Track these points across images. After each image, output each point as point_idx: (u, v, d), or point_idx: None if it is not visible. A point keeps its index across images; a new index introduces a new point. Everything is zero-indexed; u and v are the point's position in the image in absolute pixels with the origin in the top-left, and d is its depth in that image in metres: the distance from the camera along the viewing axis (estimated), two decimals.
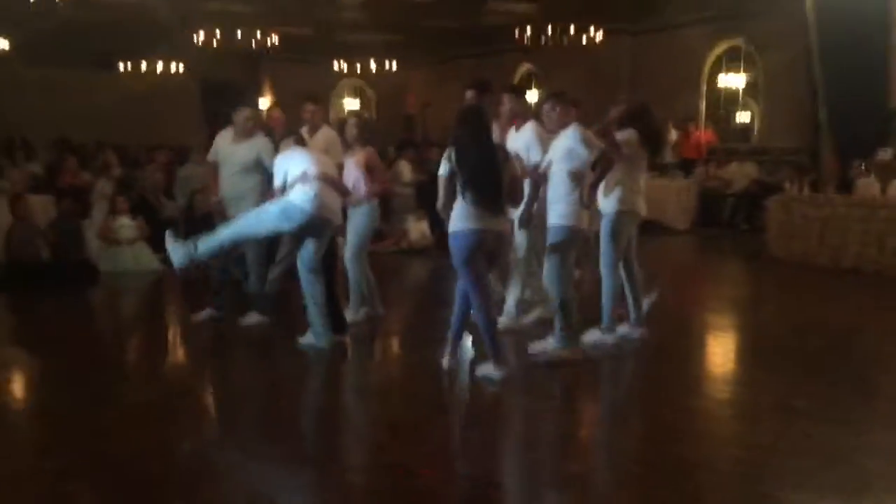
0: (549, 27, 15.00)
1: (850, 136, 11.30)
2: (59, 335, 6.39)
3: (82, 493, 3.67)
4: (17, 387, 5.28)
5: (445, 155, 4.97)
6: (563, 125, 5.53)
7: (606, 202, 5.83)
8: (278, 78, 20.13)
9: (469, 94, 6.11)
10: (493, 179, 4.89)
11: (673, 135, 15.01)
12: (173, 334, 6.80)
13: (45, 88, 16.85)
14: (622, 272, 5.96)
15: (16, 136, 14.05)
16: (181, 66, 18.21)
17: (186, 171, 10.72)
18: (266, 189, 6.08)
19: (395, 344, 6.42)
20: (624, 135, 5.75)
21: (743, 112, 15.80)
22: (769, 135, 14.85)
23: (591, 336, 5.83)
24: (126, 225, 9.13)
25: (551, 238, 5.42)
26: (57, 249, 8.55)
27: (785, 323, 7.01)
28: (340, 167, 6.20)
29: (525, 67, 19.47)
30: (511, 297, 6.25)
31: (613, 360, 5.73)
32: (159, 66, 17.99)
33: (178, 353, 6.23)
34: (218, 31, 15.66)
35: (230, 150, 6.39)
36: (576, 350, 5.46)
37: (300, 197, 5.42)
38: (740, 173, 13.71)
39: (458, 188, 4.88)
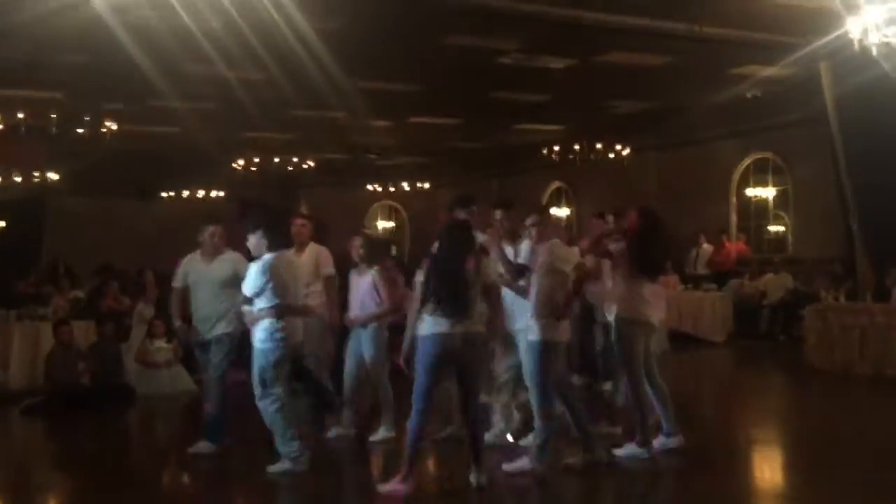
0: (577, 145, 15.37)
1: (885, 244, 11.23)
2: (94, 457, 6.42)
3: None
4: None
5: (422, 266, 5.18)
6: (543, 240, 5.57)
7: (610, 312, 5.92)
8: (314, 201, 20.69)
9: (498, 213, 6.19)
10: (463, 287, 5.00)
11: (704, 246, 15.06)
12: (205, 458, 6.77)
13: (91, 218, 17.49)
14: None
15: (60, 264, 14.50)
16: (221, 192, 18.83)
17: None
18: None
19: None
20: (619, 245, 5.84)
21: (775, 222, 15.83)
22: (803, 245, 14.80)
23: (627, 450, 5.72)
24: (163, 348, 9.26)
25: (532, 354, 5.38)
26: (96, 373, 8.66)
27: (829, 435, 6.79)
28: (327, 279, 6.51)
29: (554, 185, 19.83)
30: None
31: (653, 474, 5.59)
32: (200, 193, 18.62)
33: (209, 477, 6.19)
34: (256, 159, 16.26)
35: (203, 270, 6.30)
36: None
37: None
38: (775, 284, 13.61)
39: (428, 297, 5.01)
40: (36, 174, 14.88)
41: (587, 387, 8.00)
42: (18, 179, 15.04)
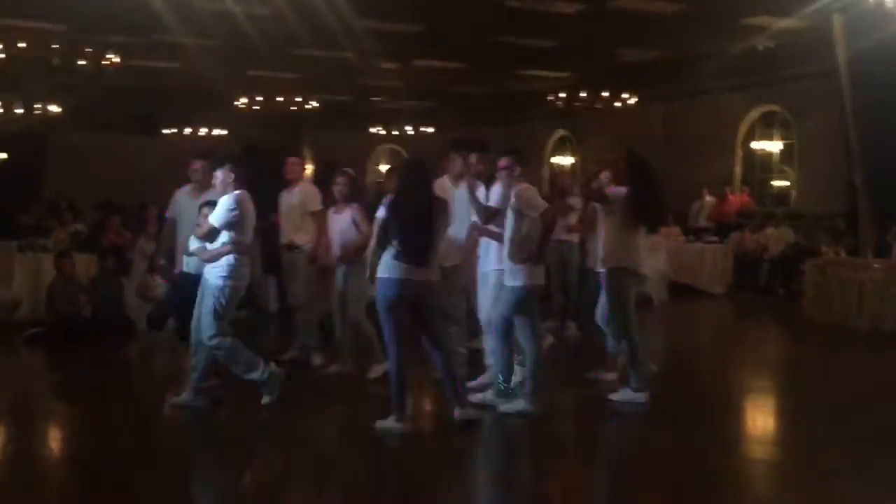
0: (583, 93, 15.23)
1: (888, 200, 11.20)
2: (94, 387, 6.50)
3: None
4: (53, 437, 5.36)
5: (384, 202, 5.15)
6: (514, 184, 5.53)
7: (601, 261, 5.92)
8: (317, 142, 20.58)
9: (473, 156, 6.12)
10: (424, 233, 5.02)
11: (707, 199, 15.04)
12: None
13: (93, 152, 17.40)
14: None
15: (62, 198, 14.51)
16: (224, 131, 18.72)
17: None
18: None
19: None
20: (617, 191, 5.83)
21: (779, 177, 15.77)
22: (806, 199, 14.77)
23: (623, 394, 5.80)
24: (163, 283, 9.30)
25: (513, 298, 5.43)
26: (97, 305, 8.72)
27: (822, 385, 6.88)
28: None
29: (559, 133, 19.70)
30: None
31: (645, 420, 5.67)
32: (202, 131, 18.52)
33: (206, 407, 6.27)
34: (259, 98, 16.13)
35: (190, 205, 6.25)
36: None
37: None
38: (777, 238, 13.61)
39: (389, 237, 5.02)
40: (37, 107, 14.78)
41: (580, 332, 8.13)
42: (20, 111, 14.95)
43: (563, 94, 15.50)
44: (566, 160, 19.56)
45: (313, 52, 13.09)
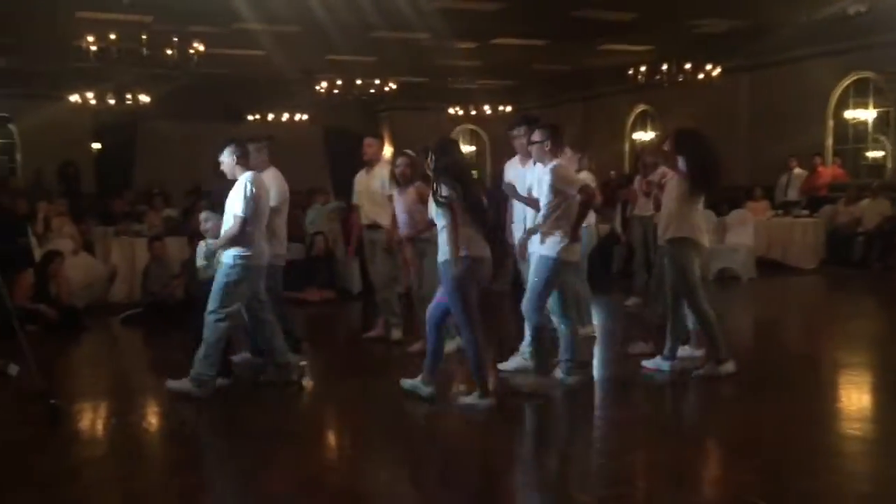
0: (664, 66, 14.87)
1: None
2: (188, 365, 6.74)
3: None
4: (153, 411, 5.60)
5: (448, 184, 5.02)
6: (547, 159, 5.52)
7: (661, 233, 5.91)
8: (395, 124, 20.74)
9: (520, 129, 6.10)
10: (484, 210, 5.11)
11: (796, 172, 14.54)
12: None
13: (181, 141, 17.95)
14: (671, 301, 5.99)
15: (154, 185, 15.06)
16: (305, 115, 19.03)
17: (312, 214, 11.35)
18: None
19: None
20: (680, 164, 5.75)
21: (874, 147, 15.12)
22: None
23: (709, 369, 5.77)
24: None
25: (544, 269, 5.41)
26: (189, 287, 9.03)
27: None
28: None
29: (639, 108, 19.33)
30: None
31: (736, 396, 5.56)
32: (284, 116, 18.87)
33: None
34: (339, 81, 16.32)
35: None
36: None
37: None
38: (872, 210, 13.08)
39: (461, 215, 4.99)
40: (128, 97, 15.31)
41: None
42: (112, 102, 15.52)
43: (643, 68, 15.16)
44: (647, 136, 19.19)
45: (390, 34, 13.15)
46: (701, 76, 15.02)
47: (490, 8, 11.93)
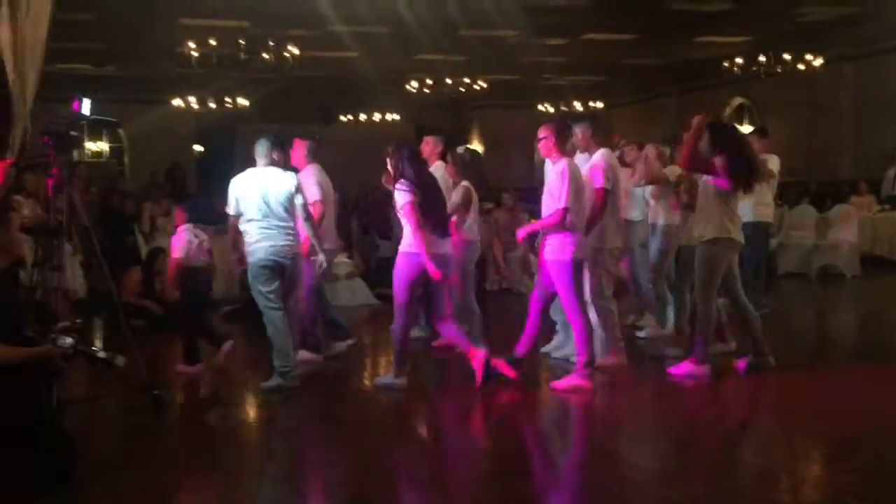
0: (762, 57, 14.41)
1: None
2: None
3: (295, 495, 4.00)
4: (251, 402, 5.81)
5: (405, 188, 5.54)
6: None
7: (699, 230, 5.80)
8: (485, 122, 20.79)
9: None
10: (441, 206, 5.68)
11: None
12: (386, 362, 7.17)
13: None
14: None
15: None
16: (396, 115, 19.30)
17: None
18: None
19: None
20: (719, 160, 5.61)
21: None
22: None
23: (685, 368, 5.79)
24: (344, 262, 9.78)
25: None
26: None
27: None
28: None
29: (737, 101, 18.79)
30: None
31: (838, 391, 5.38)
32: (376, 116, 19.18)
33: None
34: (429, 81, 16.48)
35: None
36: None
37: None
38: None
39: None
40: (228, 101, 15.86)
41: None
42: (213, 106, 16.11)
43: (740, 60, 14.74)
44: (745, 129, 18.63)
45: (478, 32, 13.21)
46: (801, 66, 14.50)
47: (580, 3, 11.84)
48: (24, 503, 3.68)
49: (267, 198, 5.73)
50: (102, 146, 20.02)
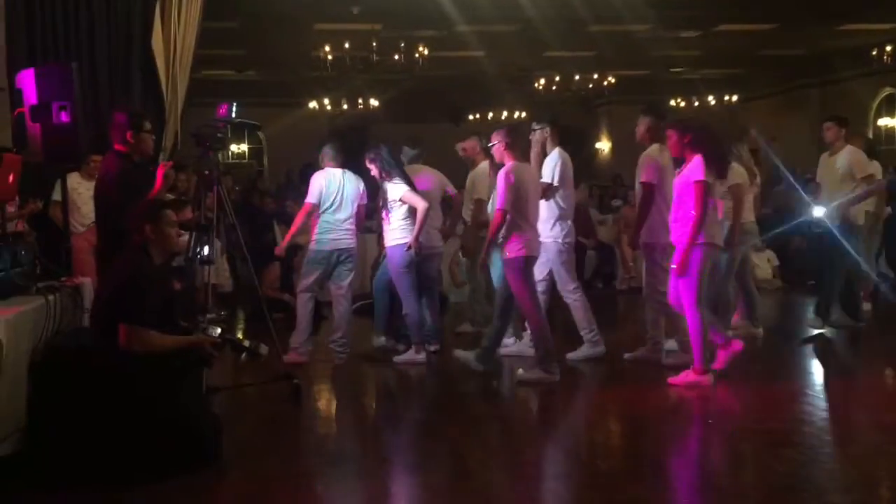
0: None
1: None
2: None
3: (422, 487, 4.09)
4: (373, 394, 5.99)
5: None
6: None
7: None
8: (614, 118, 20.46)
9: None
10: None
11: None
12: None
13: (406, 143, 18.79)
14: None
15: None
16: (524, 113, 19.26)
17: None
18: None
19: None
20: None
21: None
22: None
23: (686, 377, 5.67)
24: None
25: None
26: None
27: None
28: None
29: (885, 91, 17.70)
30: None
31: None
32: (504, 115, 19.22)
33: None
34: (556, 78, 16.38)
35: None
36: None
37: None
38: None
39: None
40: (360, 102, 16.30)
41: None
42: (345, 107, 16.60)
43: (889, 48, 13.88)
44: (893, 121, 17.55)
45: (607, 27, 13.02)
46: None
47: None
48: (174, 484, 3.94)
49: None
50: (243, 147, 21.03)
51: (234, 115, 5.37)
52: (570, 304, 6.52)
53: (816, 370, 6.72)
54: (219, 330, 4.39)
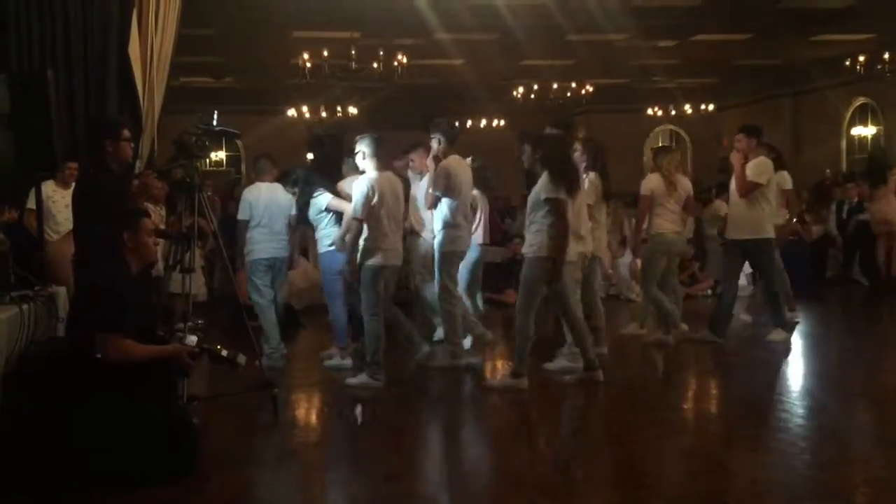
0: (886, 54, 13.73)
1: None
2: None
3: (408, 496, 4.08)
4: (365, 401, 5.98)
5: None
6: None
7: None
8: (593, 126, 20.56)
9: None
10: None
11: None
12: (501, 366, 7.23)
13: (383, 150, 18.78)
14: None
15: None
16: (502, 121, 19.35)
17: (521, 217, 11.67)
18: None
19: None
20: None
21: None
22: None
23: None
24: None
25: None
26: None
27: None
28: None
29: (858, 101, 17.96)
30: None
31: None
32: (482, 122, 19.28)
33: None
34: (535, 86, 16.46)
35: None
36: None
37: None
38: None
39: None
40: (339, 110, 16.27)
41: None
42: (324, 115, 16.58)
43: (862, 58, 14.09)
44: (867, 131, 17.80)
45: (585, 37, 13.11)
46: None
47: (691, 3, 11.59)
48: (153, 491, 3.91)
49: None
50: (221, 155, 20.91)
51: (214, 123, 5.34)
52: (443, 311, 6.67)
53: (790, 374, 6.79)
54: (195, 339, 4.35)
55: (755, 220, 7.27)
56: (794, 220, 8.04)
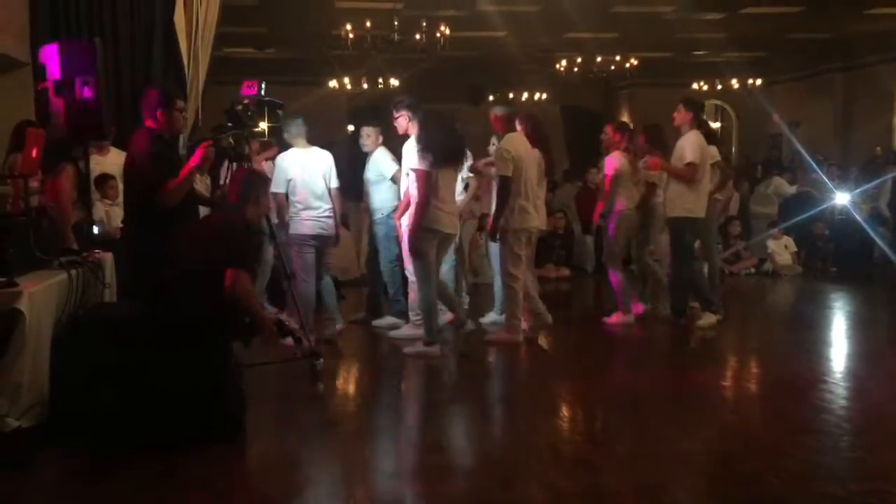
0: None
1: None
2: None
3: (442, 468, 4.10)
4: (405, 373, 6.00)
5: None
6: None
7: None
8: (636, 101, 20.28)
9: None
10: None
11: None
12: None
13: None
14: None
15: None
16: (544, 94, 19.14)
17: (561, 193, 11.71)
18: None
19: None
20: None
21: None
22: None
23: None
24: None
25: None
26: None
27: None
28: None
29: None
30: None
31: None
32: (524, 96, 19.10)
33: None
34: (578, 59, 16.23)
35: None
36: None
37: None
38: None
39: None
40: (380, 82, 16.21)
41: None
42: (365, 87, 16.54)
43: None
44: None
45: (631, 8, 12.87)
46: None
47: None
48: (195, 453, 3.99)
49: None
50: (263, 126, 20.96)
51: (262, 93, 5.41)
52: (505, 287, 6.74)
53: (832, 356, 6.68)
54: (274, 310, 4.53)
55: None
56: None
